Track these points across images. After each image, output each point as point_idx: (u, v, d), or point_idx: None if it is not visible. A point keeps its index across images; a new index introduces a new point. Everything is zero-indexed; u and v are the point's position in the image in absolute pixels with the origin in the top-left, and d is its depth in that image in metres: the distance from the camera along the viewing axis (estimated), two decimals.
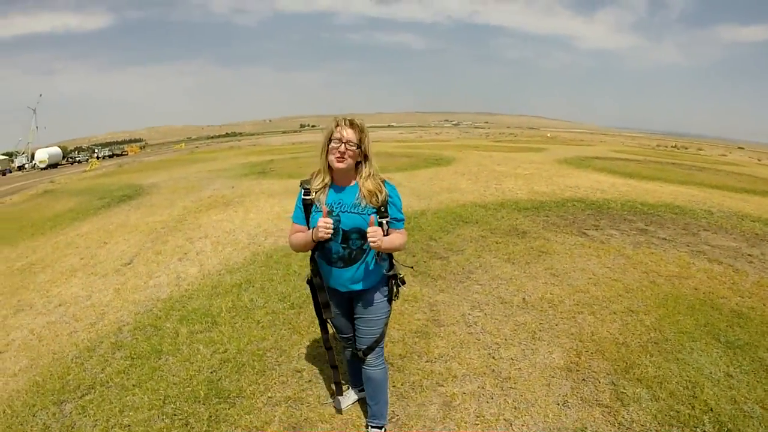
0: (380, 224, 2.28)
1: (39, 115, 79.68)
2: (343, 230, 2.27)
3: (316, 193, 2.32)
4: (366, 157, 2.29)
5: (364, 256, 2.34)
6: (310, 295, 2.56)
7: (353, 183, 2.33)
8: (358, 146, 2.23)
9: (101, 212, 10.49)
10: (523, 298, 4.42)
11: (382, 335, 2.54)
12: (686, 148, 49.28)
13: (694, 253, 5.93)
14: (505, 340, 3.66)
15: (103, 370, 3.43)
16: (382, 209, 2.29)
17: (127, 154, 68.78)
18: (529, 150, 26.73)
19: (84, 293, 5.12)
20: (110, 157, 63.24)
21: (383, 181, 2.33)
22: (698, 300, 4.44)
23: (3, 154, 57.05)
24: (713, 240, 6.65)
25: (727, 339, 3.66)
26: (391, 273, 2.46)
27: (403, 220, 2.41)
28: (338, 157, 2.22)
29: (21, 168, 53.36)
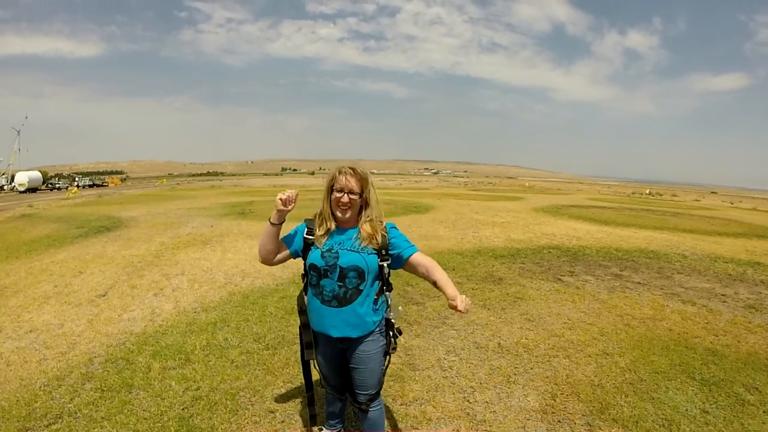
0: (381, 267, 2.29)
1: (22, 137, 79.07)
2: (340, 267, 2.24)
3: (316, 236, 2.35)
4: (367, 203, 2.33)
5: (360, 297, 2.27)
6: (286, 337, 2.54)
7: (355, 226, 2.35)
8: (360, 195, 2.28)
9: (78, 241, 10.32)
10: (499, 343, 4.44)
11: (381, 386, 2.50)
12: (661, 195, 50.71)
13: (668, 296, 6.06)
14: (480, 383, 3.65)
15: (71, 400, 3.33)
16: (383, 252, 2.29)
17: (107, 185, 68.34)
18: (507, 199, 27.28)
19: (56, 321, 5.00)
20: (90, 186, 62.75)
21: (384, 226, 2.36)
22: (673, 340, 4.52)
23: None
24: (687, 282, 6.81)
25: (702, 377, 3.73)
26: (390, 316, 2.41)
27: (414, 246, 2.39)
28: (342, 208, 2.28)
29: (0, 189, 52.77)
